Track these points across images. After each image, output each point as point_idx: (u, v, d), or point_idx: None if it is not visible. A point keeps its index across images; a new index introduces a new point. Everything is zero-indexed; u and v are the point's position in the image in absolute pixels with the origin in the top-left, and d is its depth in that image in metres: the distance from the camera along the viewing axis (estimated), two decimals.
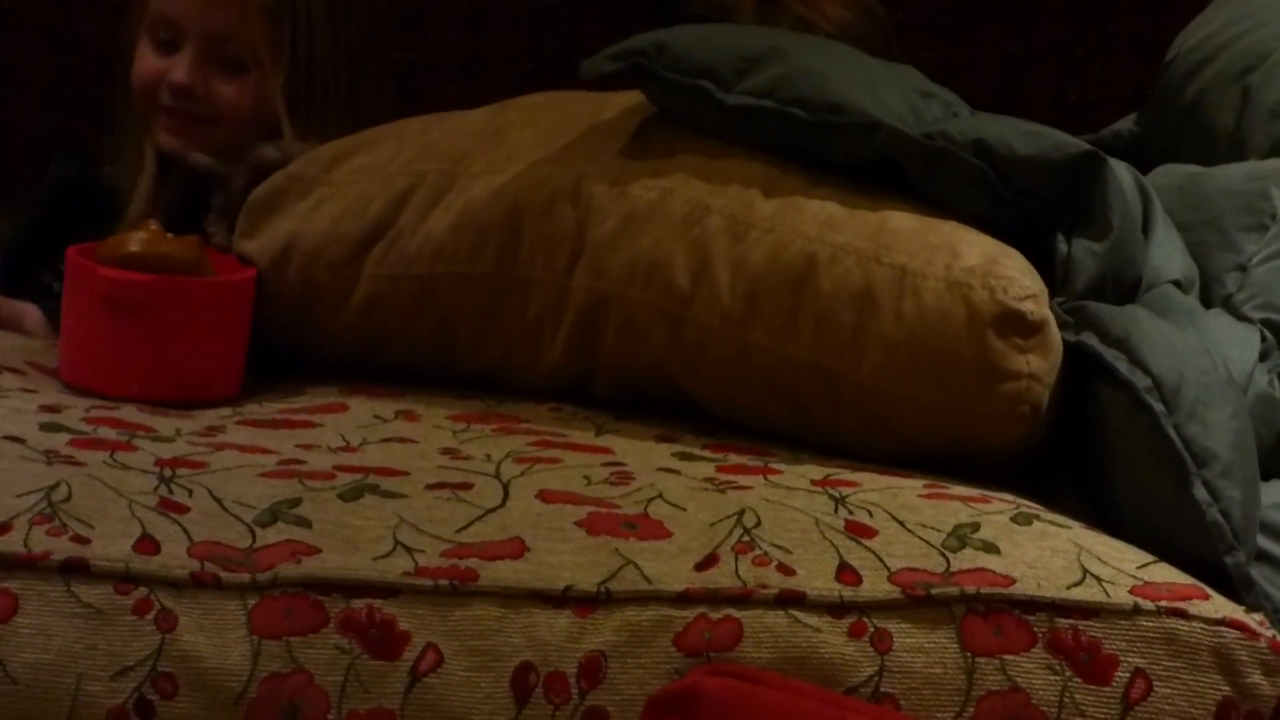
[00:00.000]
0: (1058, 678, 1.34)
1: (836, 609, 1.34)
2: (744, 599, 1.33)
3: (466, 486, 1.45)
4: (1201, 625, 1.37)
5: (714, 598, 1.33)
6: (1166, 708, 1.35)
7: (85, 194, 2.07)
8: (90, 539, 1.30)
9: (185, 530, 1.33)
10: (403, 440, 1.60)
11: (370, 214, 1.79)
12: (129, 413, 1.65)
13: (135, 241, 1.73)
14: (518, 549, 1.35)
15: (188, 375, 1.73)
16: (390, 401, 1.73)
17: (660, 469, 1.53)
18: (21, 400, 1.64)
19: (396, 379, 1.81)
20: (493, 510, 1.41)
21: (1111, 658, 1.35)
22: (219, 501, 1.38)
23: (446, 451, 1.56)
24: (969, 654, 1.34)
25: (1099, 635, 1.35)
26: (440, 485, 1.45)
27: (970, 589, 1.35)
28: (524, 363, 1.77)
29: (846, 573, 1.36)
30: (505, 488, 1.45)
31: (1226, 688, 1.35)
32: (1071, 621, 1.35)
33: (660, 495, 1.44)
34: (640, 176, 1.71)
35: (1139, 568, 1.41)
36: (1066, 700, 1.34)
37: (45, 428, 1.54)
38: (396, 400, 1.74)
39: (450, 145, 1.82)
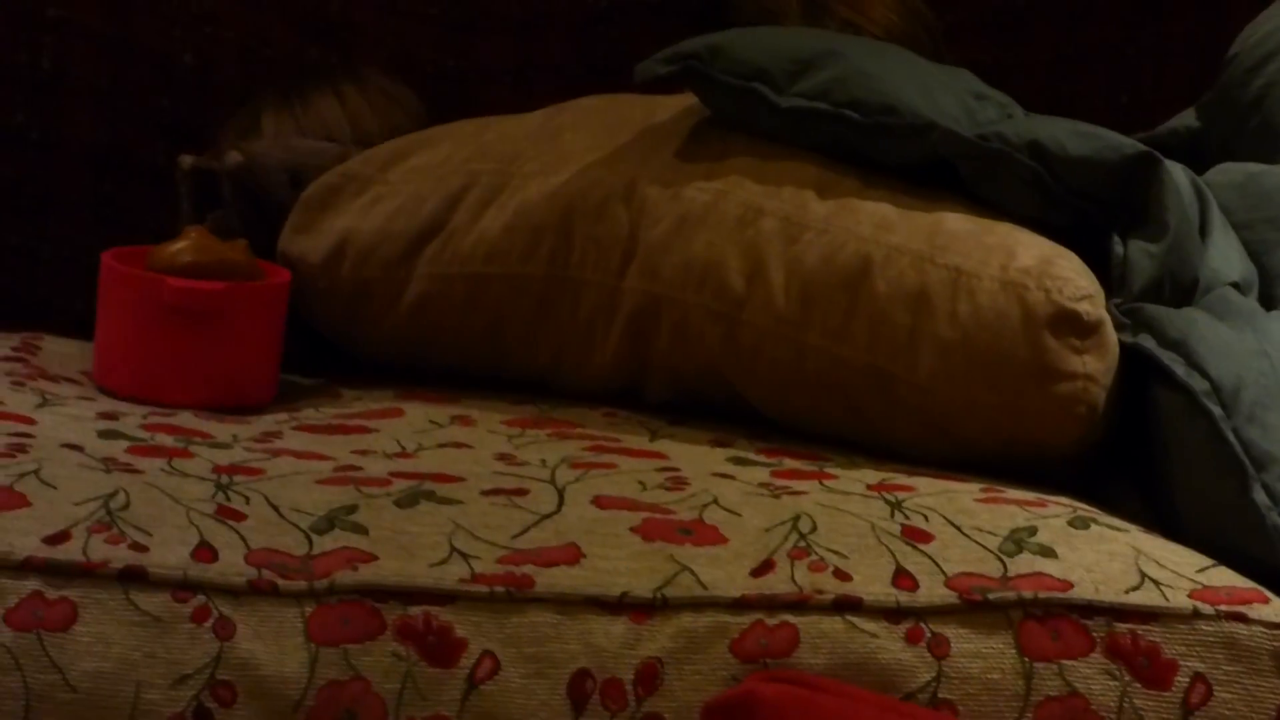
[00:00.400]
0: (1117, 683, 1.33)
1: (893, 614, 1.33)
2: (800, 605, 1.33)
3: (522, 492, 1.45)
4: (1262, 629, 1.36)
5: (770, 603, 1.33)
6: (1226, 713, 1.34)
7: None
8: (148, 546, 1.31)
9: (242, 537, 1.34)
10: (458, 446, 1.60)
11: (424, 212, 1.80)
12: (186, 419, 1.65)
13: (191, 250, 1.74)
14: (573, 555, 1.35)
15: (242, 380, 1.74)
16: (445, 406, 1.73)
17: (715, 474, 1.52)
18: (79, 408, 1.65)
19: (450, 382, 1.82)
20: (548, 516, 1.41)
21: (1171, 662, 1.34)
22: (276, 508, 1.39)
23: (502, 457, 1.56)
24: (1027, 659, 1.33)
25: (1158, 640, 1.34)
26: (496, 491, 1.45)
27: (1028, 594, 1.35)
28: (575, 365, 1.77)
29: (903, 578, 1.35)
30: (560, 493, 1.45)
31: None
32: (1130, 626, 1.35)
33: (715, 500, 1.44)
34: (693, 179, 1.71)
35: (1198, 571, 1.41)
36: (1126, 705, 1.33)
37: (103, 435, 1.55)
38: (451, 405, 1.74)
39: (505, 146, 1.83)
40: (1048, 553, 1.39)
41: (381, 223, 1.81)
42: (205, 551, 1.31)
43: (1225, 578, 1.40)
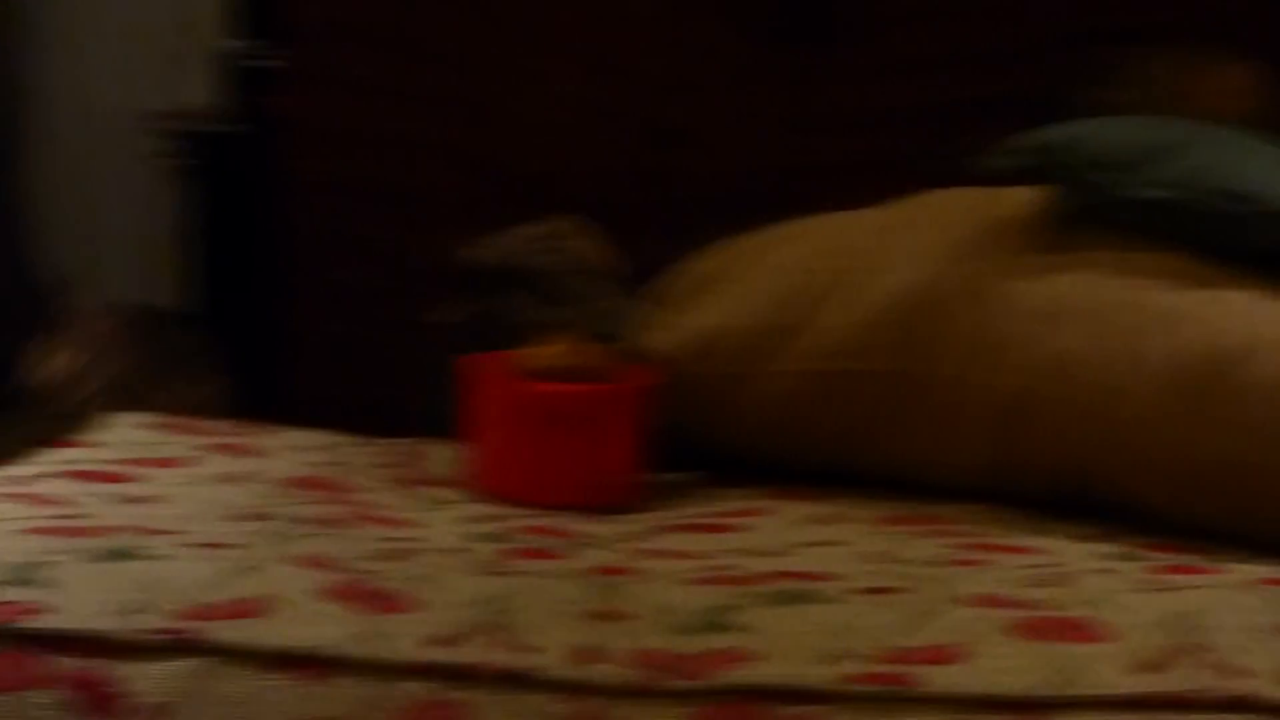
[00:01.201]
0: None
1: None
2: (1192, 703, 1.29)
3: (899, 590, 1.44)
4: None
5: (1161, 702, 1.29)
6: None
7: None
8: (532, 648, 1.32)
9: (624, 637, 1.35)
10: (831, 544, 1.60)
11: (778, 309, 1.80)
12: (563, 521, 1.68)
13: (558, 354, 1.77)
14: (955, 653, 1.33)
15: (614, 481, 1.76)
16: (815, 504, 1.73)
17: (1096, 569, 1.49)
18: (461, 511, 1.68)
19: (817, 480, 1.82)
20: (926, 614, 1.39)
21: None
22: (655, 608, 1.39)
23: (875, 555, 1.55)
24: None
25: None
26: (873, 590, 1.44)
27: None
28: (938, 460, 1.75)
29: None
30: (938, 591, 1.44)
31: None
32: None
33: (1099, 596, 1.41)
34: (1045, 272, 1.69)
35: None
36: None
37: (485, 538, 1.58)
38: (822, 503, 1.74)
39: (852, 243, 1.83)
40: None
41: (742, 319, 1.82)
42: (587, 652, 1.33)
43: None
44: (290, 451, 1.85)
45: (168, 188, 2.35)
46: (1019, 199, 1.80)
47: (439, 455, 1.95)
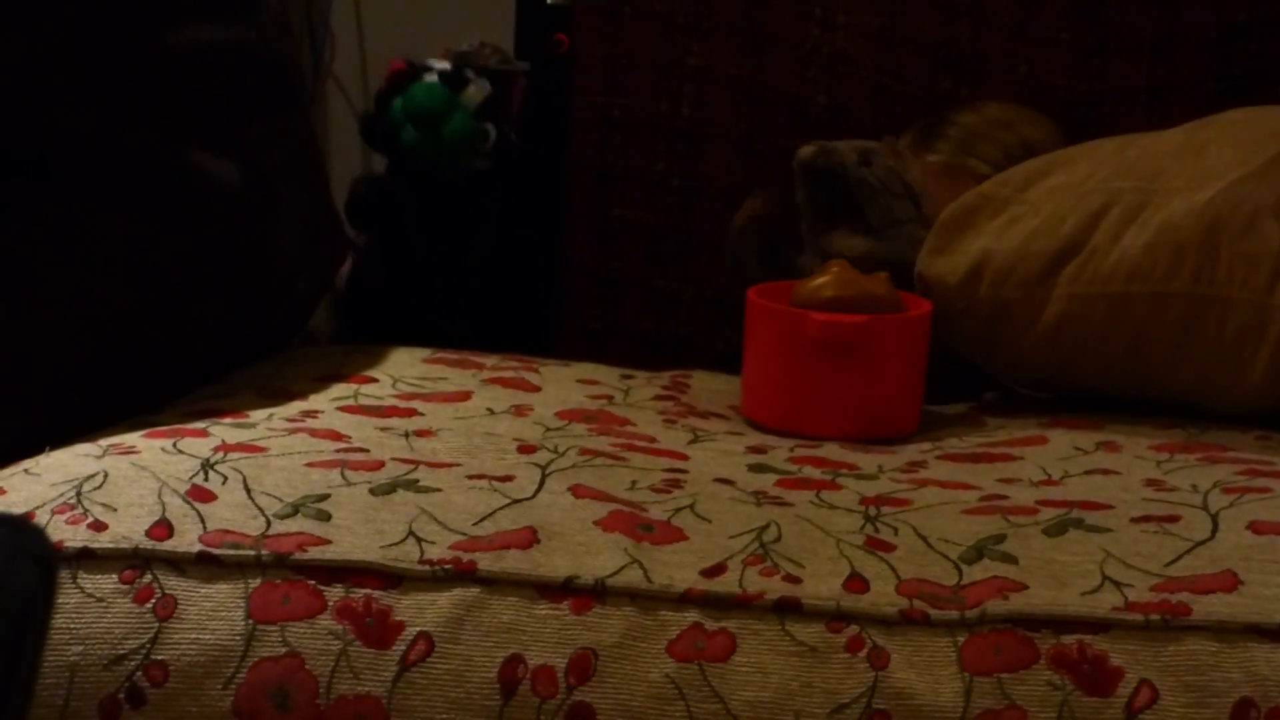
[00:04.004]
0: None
1: None
2: None
3: (1173, 519, 1.42)
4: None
5: None
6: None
7: None
8: (801, 578, 1.33)
9: (893, 568, 1.34)
10: (1105, 472, 1.58)
11: (1064, 232, 1.78)
12: (831, 451, 1.68)
13: (833, 284, 1.77)
14: (1230, 582, 1.31)
15: (888, 411, 1.76)
16: (1090, 432, 1.71)
17: None
18: (729, 443, 1.69)
19: (1092, 406, 1.79)
20: (1202, 543, 1.37)
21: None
22: (924, 539, 1.39)
23: (1150, 483, 1.53)
24: None
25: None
26: (1146, 518, 1.42)
27: None
28: (1222, 385, 1.72)
29: None
30: (1214, 519, 1.41)
31: None
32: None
33: None
34: None
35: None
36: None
37: (753, 469, 1.59)
38: (1096, 431, 1.71)
39: (1146, 163, 1.79)
40: None
41: (1020, 242, 1.80)
42: (857, 582, 1.33)
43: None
44: (561, 384, 1.87)
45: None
46: None
47: (709, 387, 1.96)
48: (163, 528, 1.36)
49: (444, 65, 2.42)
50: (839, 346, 1.73)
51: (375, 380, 1.82)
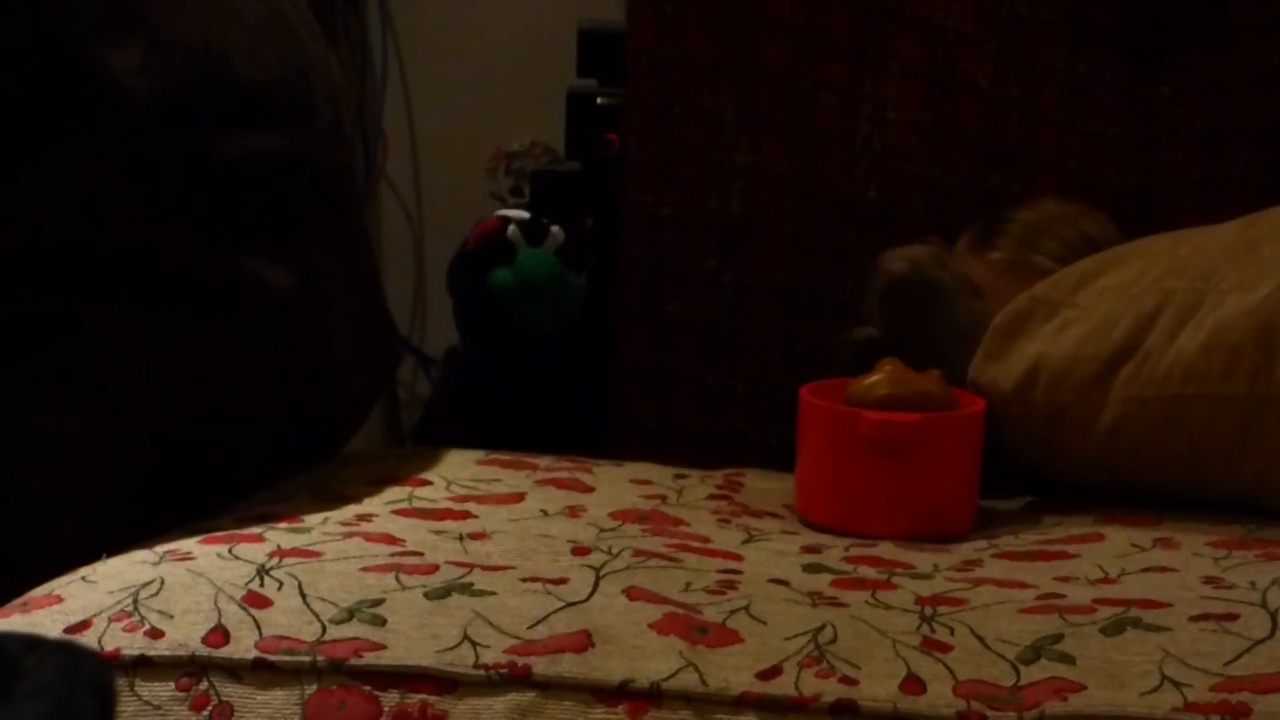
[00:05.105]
0: None
1: None
2: None
3: (1232, 617, 1.40)
4: None
5: None
6: None
7: None
8: (858, 680, 1.32)
9: (949, 669, 1.34)
10: (1162, 570, 1.57)
11: (1117, 334, 1.78)
12: (886, 550, 1.67)
13: (887, 382, 1.77)
14: None
15: (942, 509, 1.75)
16: (1146, 529, 1.70)
17: None
18: (783, 543, 1.69)
19: (1148, 503, 1.78)
20: (1262, 641, 1.36)
21: None
22: (980, 639, 1.38)
23: (1208, 580, 1.52)
24: None
25: None
26: (1205, 616, 1.41)
27: None
28: None
29: None
30: (1273, 617, 1.40)
31: None
32: None
33: None
34: None
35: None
36: None
37: (808, 569, 1.58)
38: (1153, 528, 1.71)
39: (1199, 262, 1.79)
40: None
41: (1073, 346, 1.79)
42: (914, 684, 1.32)
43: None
44: (614, 485, 1.88)
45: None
46: None
47: (763, 485, 1.96)
48: (219, 634, 1.37)
49: (522, 215, 2.41)
50: (893, 445, 1.73)
51: (429, 483, 1.82)
